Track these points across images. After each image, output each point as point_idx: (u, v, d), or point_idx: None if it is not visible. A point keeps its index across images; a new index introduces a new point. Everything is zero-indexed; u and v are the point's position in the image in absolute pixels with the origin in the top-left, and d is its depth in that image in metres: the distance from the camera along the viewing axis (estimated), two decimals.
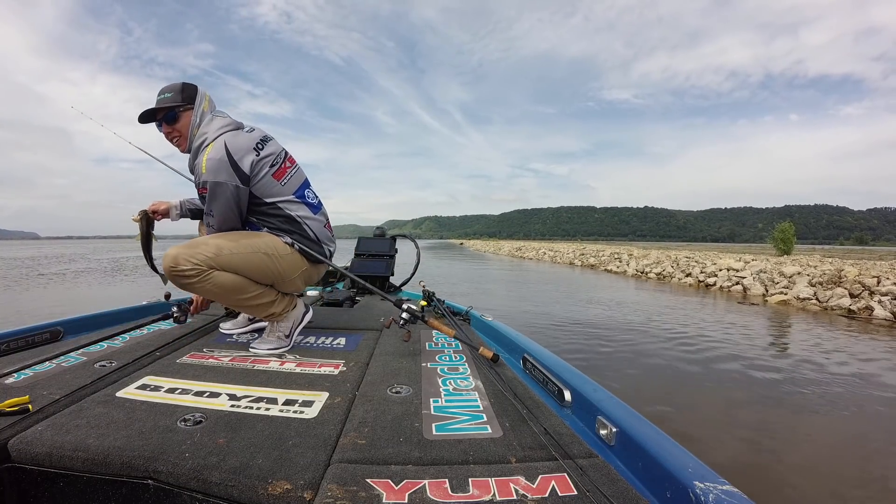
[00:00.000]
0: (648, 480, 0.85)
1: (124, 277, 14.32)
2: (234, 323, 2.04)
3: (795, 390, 3.82)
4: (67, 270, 16.89)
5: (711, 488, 0.71)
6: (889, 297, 8.12)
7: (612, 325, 6.56)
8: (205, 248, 1.50)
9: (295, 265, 1.72)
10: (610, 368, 4.31)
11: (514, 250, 41.10)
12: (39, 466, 0.91)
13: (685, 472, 0.76)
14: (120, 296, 10.23)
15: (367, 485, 0.80)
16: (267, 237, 1.67)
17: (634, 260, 19.01)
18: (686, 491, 0.73)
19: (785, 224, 22.07)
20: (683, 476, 0.75)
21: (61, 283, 12.66)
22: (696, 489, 0.71)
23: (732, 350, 5.15)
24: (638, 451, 0.88)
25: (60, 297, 9.92)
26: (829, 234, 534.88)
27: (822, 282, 9.72)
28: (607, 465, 0.89)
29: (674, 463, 0.79)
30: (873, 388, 3.91)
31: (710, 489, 0.70)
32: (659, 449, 0.84)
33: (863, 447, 2.85)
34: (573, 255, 26.07)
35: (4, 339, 1.57)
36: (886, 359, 5.09)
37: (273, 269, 1.65)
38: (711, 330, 6.32)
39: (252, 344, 1.73)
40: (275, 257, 1.65)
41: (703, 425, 3.07)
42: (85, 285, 12.15)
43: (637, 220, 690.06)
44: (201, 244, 1.52)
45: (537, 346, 1.58)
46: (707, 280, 12.91)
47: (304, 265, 1.76)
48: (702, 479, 0.73)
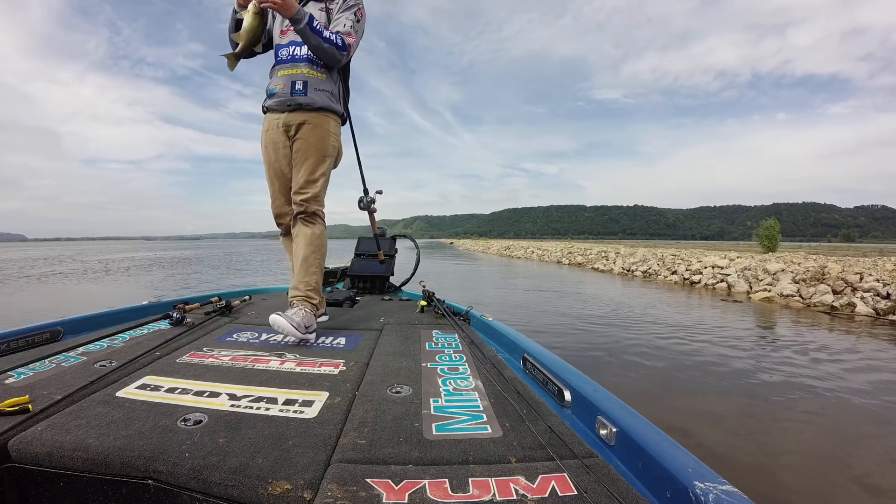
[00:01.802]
0: (648, 480, 0.84)
1: (107, 278, 14.48)
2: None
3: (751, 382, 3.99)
4: (53, 272, 16.89)
5: (711, 488, 0.70)
6: (871, 293, 8.13)
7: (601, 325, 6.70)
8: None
9: None
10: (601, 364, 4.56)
11: (503, 249, 41.21)
12: (39, 466, 0.91)
13: (685, 472, 0.75)
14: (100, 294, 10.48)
15: (367, 485, 0.79)
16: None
17: (621, 258, 19.02)
18: (686, 491, 0.72)
19: (770, 221, 22.23)
20: (683, 476, 0.75)
21: (44, 284, 12.95)
22: (696, 489, 0.71)
23: (699, 348, 5.24)
24: (638, 451, 0.88)
25: (44, 296, 10.17)
26: (817, 231, 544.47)
27: (806, 279, 9.73)
28: (607, 465, 0.88)
29: (674, 463, 0.79)
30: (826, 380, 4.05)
31: (710, 489, 0.70)
32: (659, 449, 0.84)
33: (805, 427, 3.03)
34: (561, 254, 26.08)
35: (4, 339, 1.55)
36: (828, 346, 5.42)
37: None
38: (687, 326, 6.40)
39: (281, 314, 1.75)
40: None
41: (649, 406, 3.39)
42: (71, 286, 12.41)
43: (627, 219, 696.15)
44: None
45: (537, 346, 1.58)
46: (692, 278, 12.92)
47: None
48: (702, 479, 0.73)
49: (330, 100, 2.05)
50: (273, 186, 2.14)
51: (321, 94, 2.02)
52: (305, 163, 2.03)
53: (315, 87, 2.00)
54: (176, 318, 1.97)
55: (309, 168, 2.03)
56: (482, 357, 1.55)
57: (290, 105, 1.99)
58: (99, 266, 20.24)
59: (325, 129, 2.04)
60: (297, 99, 1.98)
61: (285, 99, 1.99)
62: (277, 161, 2.08)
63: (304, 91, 1.98)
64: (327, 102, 2.04)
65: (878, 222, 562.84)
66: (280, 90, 2.00)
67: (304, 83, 1.98)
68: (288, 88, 1.99)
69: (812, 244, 59.59)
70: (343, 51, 1.95)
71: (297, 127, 2.02)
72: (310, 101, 1.99)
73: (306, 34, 1.84)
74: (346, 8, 2.05)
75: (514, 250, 36.80)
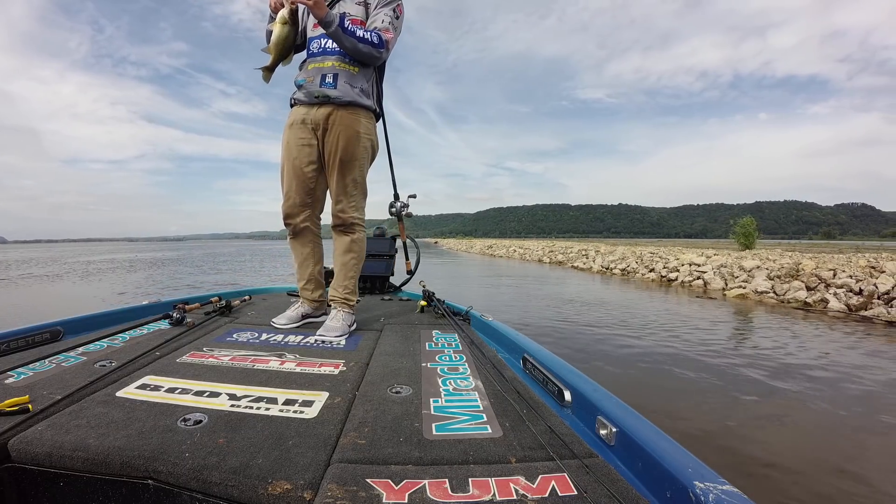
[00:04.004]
0: (648, 480, 0.84)
1: (83, 282, 14.18)
2: (289, 318, 2.04)
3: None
4: (31, 275, 16.62)
5: (711, 488, 0.70)
6: (844, 289, 8.16)
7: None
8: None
9: None
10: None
11: (486, 248, 41.32)
12: (39, 466, 0.90)
13: (685, 472, 0.75)
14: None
15: (367, 485, 0.79)
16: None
17: (600, 256, 19.03)
18: (686, 491, 0.72)
19: (746, 219, 22.48)
20: (683, 476, 0.75)
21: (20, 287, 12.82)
22: (696, 489, 0.71)
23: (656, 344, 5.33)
24: (638, 451, 0.88)
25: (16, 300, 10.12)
26: (798, 229, 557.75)
27: (781, 275, 9.77)
28: (607, 465, 0.88)
29: (674, 463, 0.79)
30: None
31: (710, 489, 0.70)
32: (659, 449, 0.84)
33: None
34: (542, 253, 26.08)
35: (4, 339, 1.54)
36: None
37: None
38: (655, 325, 6.42)
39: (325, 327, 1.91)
40: None
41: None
42: (48, 288, 12.33)
43: (611, 218, 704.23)
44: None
45: (537, 346, 1.58)
46: (669, 275, 12.91)
47: None
48: (702, 479, 0.73)
49: (360, 95, 1.93)
50: (290, 185, 2.01)
51: (352, 89, 1.90)
52: (338, 171, 1.96)
53: (346, 80, 1.89)
54: (176, 318, 1.95)
55: (342, 177, 1.97)
56: (482, 357, 1.55)
57: (318, 97, 1.89)
58: (80, 268, 20.06)
59: (356, 131, 1.93)
60: (326, 91, 1.87)
61: (314, 90, 1.89)
62: (298, 159, 1.97)
63: (333, 84, 1.88)
64: (358, 97, 1.92)
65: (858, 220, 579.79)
66: (309, 82, 1.91)
67: (334, 75, 1.88)
68: (317, 80, 1.89)
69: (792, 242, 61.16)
70: (381, 48, 1.85)
71: (326, 127, 1.92)
72: (339, 94, 1.88)
73: (339, 37, 1.76)
74: (384, 3, 1.94)
75: (497, 249, 36.84)
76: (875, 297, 7.57)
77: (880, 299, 7.49)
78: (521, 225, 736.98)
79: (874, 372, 4.24)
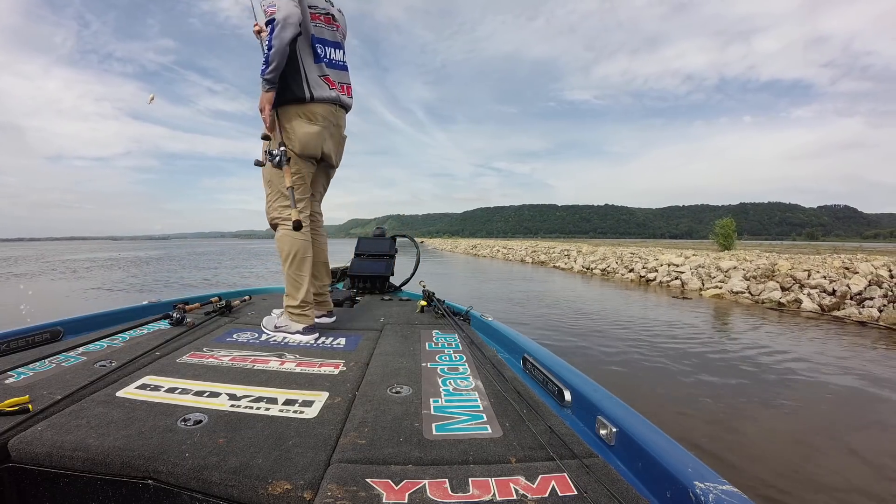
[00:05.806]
0: (648, 480, 0.84)
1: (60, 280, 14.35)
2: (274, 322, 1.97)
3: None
4: (11, 273, 16.78)
5: (711, 488, 0.70)
6: (818, 289, 8.22)
7: None
8: None
9: None
10: None
11: (470, 248, 41.34)
12: (39, 466, 0.89)
13: (685, 472, 0.75)
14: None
15: (367, 485, 0.78)
16: None
17: (582, 256, 19.07)
18: (686, 491, 0.72)
19: (725, 220, 22.73)
20: (683, 476, 0.75)
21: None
22: (696, 489, 0.71)
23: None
24: (638, 451, 0.88)
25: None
26: (781, 230, 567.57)
27: (756, 276, 9.83)
28: (607, 465, 0.87)
29: (674, 463, 0.79)
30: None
31: (709, 489, 0.70)
32: (659, 449, 0.84)
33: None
34: (525, 253, 26.10)
35: (4, 339, 1.52)
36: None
37: None
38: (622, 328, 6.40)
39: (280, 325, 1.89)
40: None
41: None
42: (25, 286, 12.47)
43: (598, 218, 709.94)
44: None
45: (537, 346, 1.58)
46: (647, 276, 12.96)
47: None
48: (702, 479, 0.73)
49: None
50: (316, 185, 2.11)
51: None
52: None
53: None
54: (176, 318, 1.95)
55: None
56: (482, 357, 1.55)
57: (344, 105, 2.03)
58: (63, 267, 20.16)
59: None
60: (346, 101, 2.02)
61: (336, 96, 1.97)
62: (338, 156, 2.11)
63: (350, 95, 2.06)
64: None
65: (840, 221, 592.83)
66: (330, 87, 1.96)
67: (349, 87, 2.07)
68: (337, 89, 1.98)
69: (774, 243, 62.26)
70: (272, 30, 1.69)
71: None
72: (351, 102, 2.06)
73: (268, 81, 1.76)
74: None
75: (481, 249, 36.86)
76: (848, 298, 7.65)
77: (853, 300, 7.56)
78: (508, 225, 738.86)
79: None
